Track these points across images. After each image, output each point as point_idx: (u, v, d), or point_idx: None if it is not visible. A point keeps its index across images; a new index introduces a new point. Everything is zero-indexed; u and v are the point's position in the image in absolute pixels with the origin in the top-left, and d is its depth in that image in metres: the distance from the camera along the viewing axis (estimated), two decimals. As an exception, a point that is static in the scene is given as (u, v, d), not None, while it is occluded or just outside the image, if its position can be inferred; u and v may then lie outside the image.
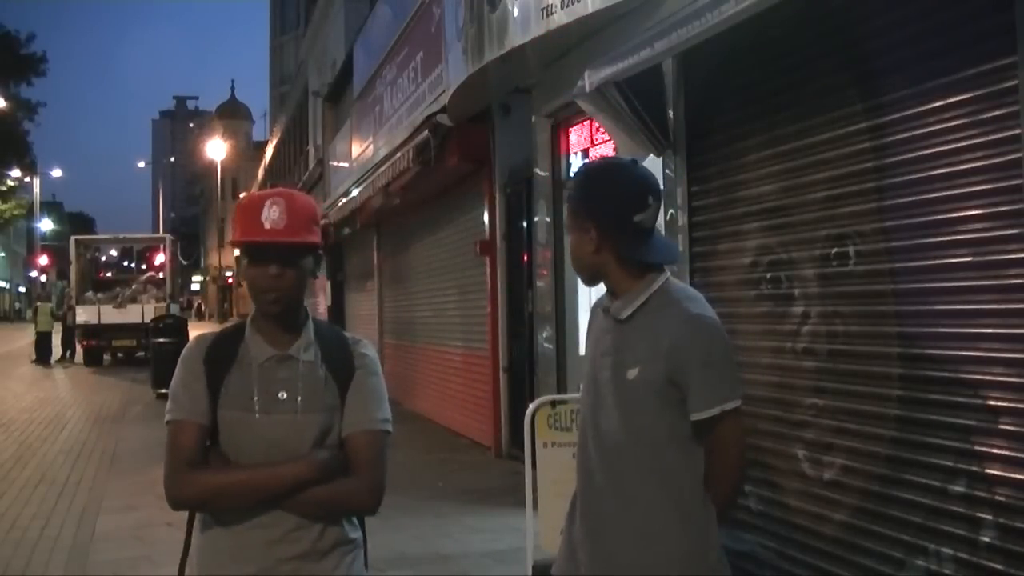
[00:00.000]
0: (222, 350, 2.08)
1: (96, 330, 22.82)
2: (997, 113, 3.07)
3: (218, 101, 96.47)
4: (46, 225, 71.80)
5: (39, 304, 26.00)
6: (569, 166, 7.10)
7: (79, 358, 23.91)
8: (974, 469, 3.16)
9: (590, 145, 6.73)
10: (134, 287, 25.34)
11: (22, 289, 76.49)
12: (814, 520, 3.95)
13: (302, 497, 1.99)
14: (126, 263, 37.84)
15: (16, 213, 51.22)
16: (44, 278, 62.99)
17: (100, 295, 24.34)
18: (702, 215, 4.90)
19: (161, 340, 15.14)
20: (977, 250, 3.16)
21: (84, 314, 23.04)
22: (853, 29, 3.75)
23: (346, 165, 17.24)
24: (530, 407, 4.93)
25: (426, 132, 9.36)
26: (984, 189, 3.13)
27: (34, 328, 24.90)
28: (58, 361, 24.17)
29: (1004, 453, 3.05)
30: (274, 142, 37.43)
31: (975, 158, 3.16)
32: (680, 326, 2.14)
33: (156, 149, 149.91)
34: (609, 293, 2.31)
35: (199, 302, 61.70)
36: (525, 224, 8.57)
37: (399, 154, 10.57)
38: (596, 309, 2.41)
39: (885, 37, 3.57)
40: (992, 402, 3.11)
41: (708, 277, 4.82)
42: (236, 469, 2.01)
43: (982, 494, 3.12)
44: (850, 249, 3.76)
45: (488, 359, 9.52)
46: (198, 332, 2.19)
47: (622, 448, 2.19)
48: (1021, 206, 2.99)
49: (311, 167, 24.13)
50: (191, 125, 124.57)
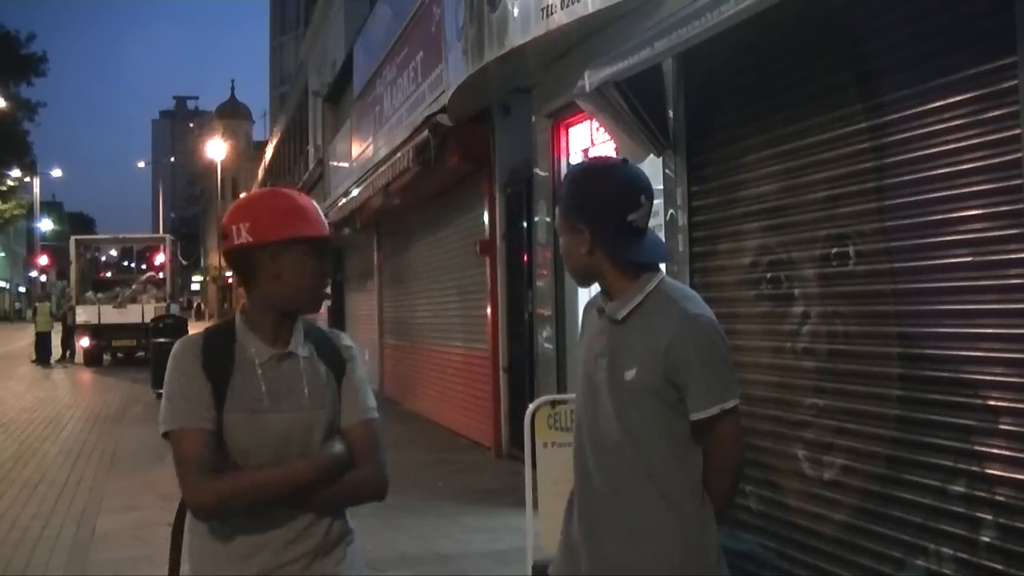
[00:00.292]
0: (218, 352, 2.04)
1: (96, 330, 22.84)
2: (997, 113, 3.07)
3: (218, 101, 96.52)
4: (46, 225, 71.80)
5: (38, 304, 26.01)
6: (569, 166, 7.11)
7: (79, 358, 23.91)
8: (974, 469, 3.16)
9: (590, 145, 6.73)
10: (134, 287, 25.37)
11: (22, 289, 76.49)
12: (814, 520, 3.95)
13: (322, 491, 2.02)
14: (126, 263, 37.89)
15: (16, 213, 51.23)
16: (44, 278, 62.97)
17: (100, 295, 24.36)
18: (702, 215, 4.90)
19: (161, 340, 15.15)
20: (977, 250, 3.16)
21: (84, 314, 23.06)
22: (853, 29, 3.75)
23: (346, 165, 17.24)
24: (530, 407, 4.93)
25: (426, 132, 9.36)
26: (984, 189, 3.13)
27: (34, 328, 24.91)
28: (58, 361, 24.18)
29: (1004, 453, 3.05)
30: (274, 142, 37.43)
31: (975, 158, 3.16)
32: (678, 326, 2.13)
33: (156, 149, 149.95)
34: (603, 294, 2.29)
35: (199, 302, 61.72)
36: (525, 224, 8.57)
37: (399, 154, 10.57)
38: (590, 310, 2.40)
39: (885, 37, 3.57)
40: (992, 402, 3.11)
41: (708, 277, 4.82)
42: (257, 470, 1.99)
43: (982, 494, 3.12)
44: (850, 249, 3.76)
45: (488, 359, 9.52)
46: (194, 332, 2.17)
47: (618, 449, 2.18)
48: (1021, 206, 2.99)
49: (311, 167, 24.13)
50: (191, 125, 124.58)
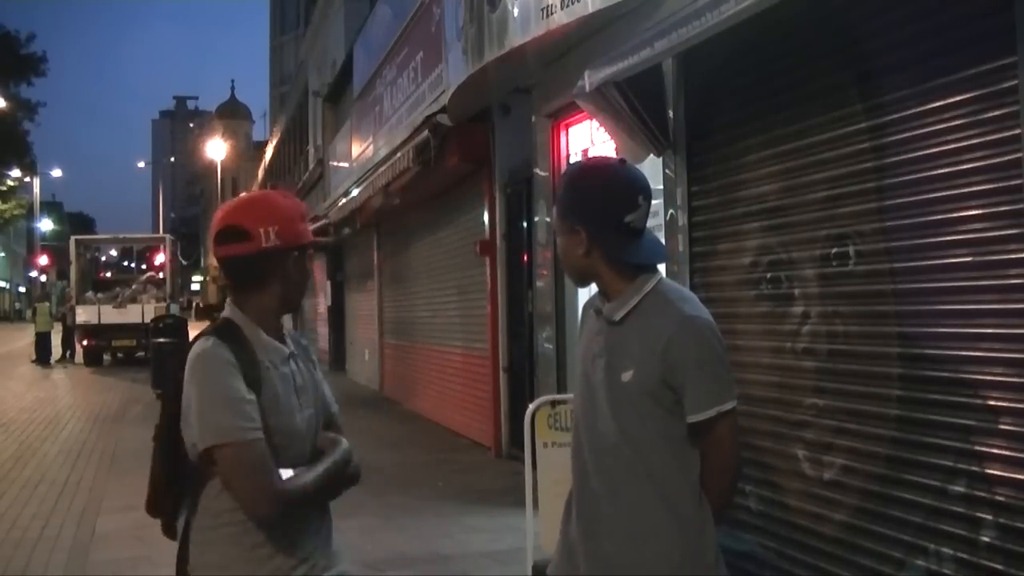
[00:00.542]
0: (247, 356, 2.02)
1: (96, 330, 22.84)
2: (997, 113, 3.07)
3: (218, 101, 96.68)
4: (46, 225, 71.82)
5: (37, 305, 26.00)
6: (567, 166, 7.10)
7: (79, 358, 23.91)
8: (974, 469, 3.16)
9: (590, 145, 6.73)
10: (134, 287, 25.35)
11: (22, 289, 76.49)
12: (814, 520, 3.95)
13: (347, 478, 2.12)
14: (126, 263, 37.91)
15: (16, 213, 51.22)
16: (44, 278, 62.98)
17: (100, 295, 24.35)
18: (702, 215, 4.90)
19: (161, 340, 15.16)
20: (977, 250, 3.16)
21: (84, 314, 23.05)
22: (853, 29, 3.75)
23: (346, 165, 17.24)
24: (530, 407, 4.93)
25: (426, 132, 9.37)
26: (984, 189, 3.13)
27: (34, 328, 24.91)
28: (58, 361, 24.18)
29: (1004, 453, 3.05)
30: (274, 142, 37.42)
31: (975, 158, 3.16)
32: (675, 327, 2.12)
33: (156, 149, 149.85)
34: (601, 294, 2.29)
35: (199, 302, 61.74)
36: (525, 224, 8.57)
37: (399, 154, 10.57)
38: (587, 310, 2.39)
39: (885, 37, 3.57)
40: (992, 402, 3.11)
41: (708, 277, 4.82)
42: (308, 470, 2.04)
43: (982, 494, 3.12)
44: (850, 249, 3.76)
45: (488, 359, 9.52)
46: (196, 332, 2.16)
47: (616, 450, 2.18)
48: (1021, 206, 2.99)
49: (311, 167, 24.13)
50: (191, 125, 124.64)
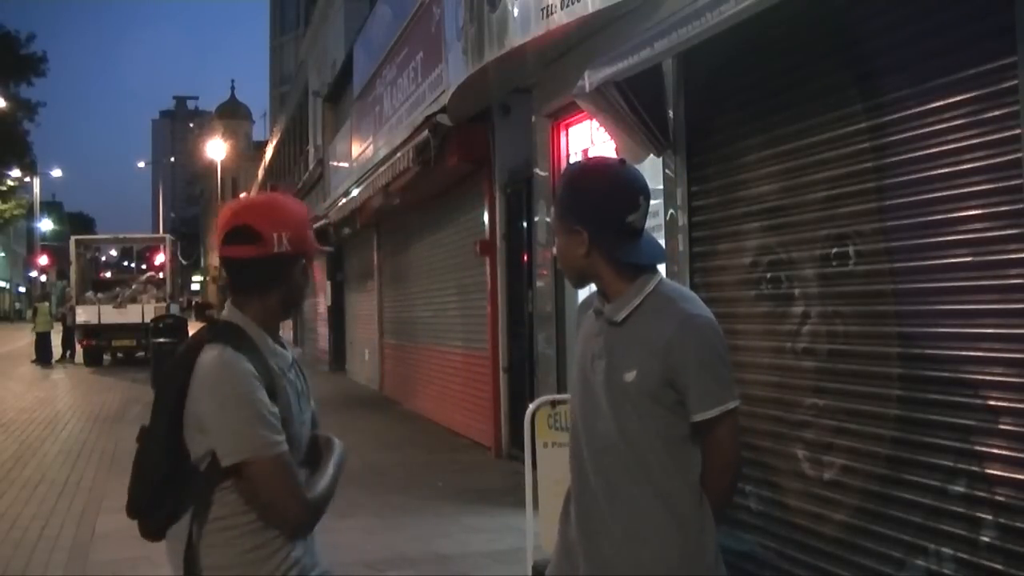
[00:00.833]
0: (263, 366, 1.98)
1: (96, 330, 22.83)
2: (997, 113, 3.07)
3: (218, 101, 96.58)
4: (46, 225, 71.82)
5: (38, 305, 26.01)
6: (566, 166, 7.10)
7: (79, 358, 23.91)
8: (974, 469, 3.16)
9: (590, 145, 6.73)
10: (134, 287, 25.35)
11: (22, 289, 76.49)
12: (814, 520, 3.95)
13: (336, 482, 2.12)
14: (126, 263, 37.89)
15: (16, 213, 51.23)
16: (44, 278, 62.97)
17: (100, 295, 24.36)
18: (702, 215, 4.90)
19: (161, 340, 15.17)
20: (977, 250, 3.16)
21: (84, 314, 23.05)
22: (853, 29, 3.75)
23: (346, 165, 17.24)
24: (530, 407, 4.93)
25: (426, 132, 9.37)
26: (984, 189, 3.13)
27: (33, 328, 24.91)
28: (58, 361, 24.18)
29: (1004, 453, 3.05)
30: (274, 142, 37.41)
31: (975, 158, 3.16)
32: (677, 327, 2.12)
33: (156, 149, 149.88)
34: (600, 295, 2.28)
35: (198, 301, 61.75)
36: (525, 224, 8.57)
37: (399, 154, 10.57)
38: (585, 310, 2.39)
39: (885, 37, 3.57)
40: (992, 402, 3.11)
41: (708, 277, 4.82)
42: (320, 477, 2.05)
43: (982, 494, 3.12)
44: (850, 249, 3.76)
45: (488, 359, 9.52)
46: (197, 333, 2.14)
47: (616, 450, 2.18)
48: (1021, 206, 2.99)
49: (311, 167, 24.12)
50: (191, 125, 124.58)
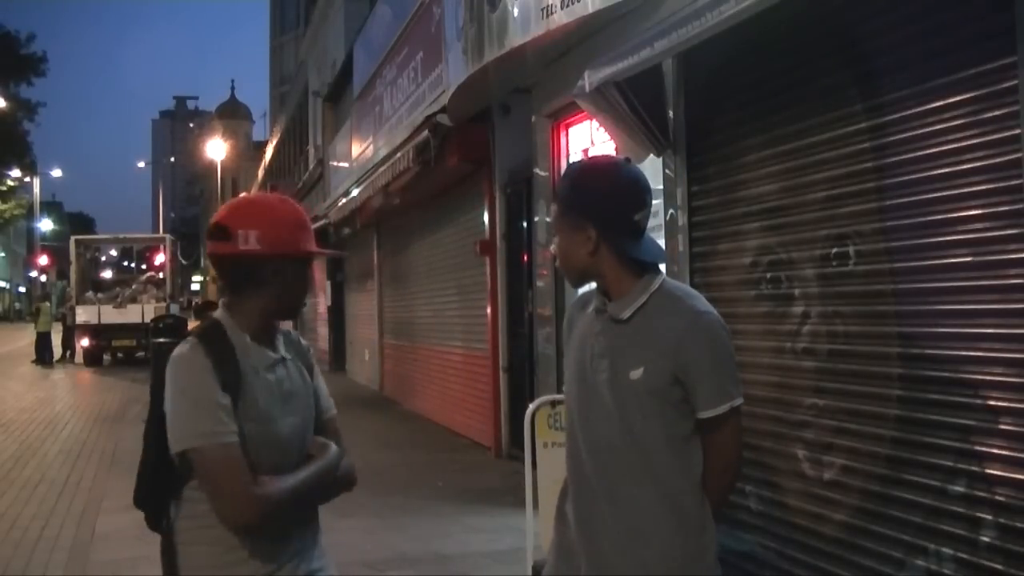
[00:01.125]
0: (227, 361, 2.00)
1: (96, 330, 22.84)
2: (997, 113, 3.07)
3: (218, 101, 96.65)
4: (46, 225, 71.78)
5: (40, 305, 26.03)
6: (567, 165, 7.09)
7: (79, 358, 23.91)
8: (974, 469, 3.16)
9: (590, 145, 6.73)
10: (134, 287, 25.37)
11: (22, 289, 76.49)
12: (814, 520, 3.95)
13: (336, 483, 2.10)
14: (126, 263, 37.83)
15: (16, 213, 51.23)
16: (44, 278, 62.96)
17: (100, 295, 24.36)
18: (702, 215, 4.90)
19: (161, 340, 15.16)
20: (977, 250, 3.16)
21: (84, 314, 23.06)
22: (853, 29, 3.75)
23: (346, 165, 17.24)
24: (530, 407, 4.93)
25: (426, 132, 9.37)
26: (984, 189, 3.13)
27: (33, 328, 24.92)
28: (58, 361, 24.18)
29: (1004, 453, 3.05)
30: (274, 142, 37.42)
31: (975, 158, 3.16)
32: (687, 324, 2.13)
33: (156, 149, 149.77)
34: (600, 294, 2.27)
35: (198, 301, 61.74)
36: (525, 224, 8.57)
37: (399, 154, 10.57)
38: (579, 309, 2.37)
39: (885, 37, 3.57)
40: (992, 402, 3.11)
41: (708, 277, 4.82)
42: (291, 475, 2.01)
43: (982, 494, 3.12)
44: (850, 249, 3.76)
45: (488, 359, 9.52)
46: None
47: (618, 450, 2.17)
48: (1021, 206, 2.99)
49: (311, 167, 24.13)
50: (191, 125, 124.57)
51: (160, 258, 27.87)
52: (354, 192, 13.92)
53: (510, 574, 5.40)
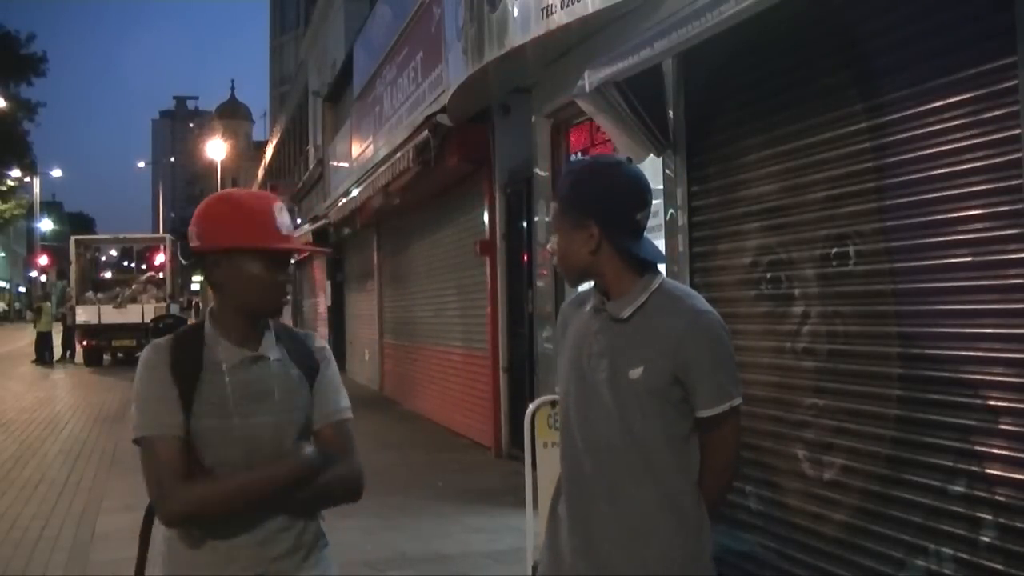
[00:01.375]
0: (187, 356, 2.02)
1: (96, 330, 22.84)
2: (997, 113, 3.06)
3: (218, 101, 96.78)
4: (46, 225, 71.79)
5: (43, 304, 26.03)
6: (567, 163, 7.09)
7: (79, 358, 23.91)
8: (974, 469, 3.16)
9: (590, 145, 6.73)
10: (134, 287, 25.36)
11: (22, 289, 76.50)
12: (814, 520, 3.95)
13: (299, 493, 1.99)
14: (126, 263, 37.79)
15: (16, 213, 51.25)
16: (44, 278, 62.96)
17: (100, 295, 24.36)
18: (702, 215, 4.90)
19: (161, 340, 15.14)
20: (977, 250, 3.16)
21: (84, 314, 23.05)
22: (853, 29, 3.75)
23: (346, 165, 17.25)
24: (530, 407, 4.93)
25: (426, 132, 9.37)
26: (984, 189, 3.13)
27: (33, 327, 24.91)
28: (58, 361, 24.18)
29: (1004, 453, 3.05)
30: (274, 142, 37.44)
31: (975, 158, 3.16)
32: (687, 323, 2.13)
33: (156, 149, 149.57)
34: (597, 293, 2.26)
35: (198, 301, 61.76)
36: (525, 224, 8.57)
37: (399, 154, 10.57)
38: (575, 309, 2.36)
39: (885, 37, 3.57)
40: (992, 402, 3.10)
41: (708, 277, 4.82)
42: (231, 476, 1.97)
43: (982, 494, 3.12)
44: (850, 249, 3.76)
45: (488, 359, 9.52)
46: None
47: (617, 450, 2.17)
48: (1021, 206, 2.99)
49: (311, 167, 24.13)
50: (191, 125, 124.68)
51: (160, 258, 27.87)
52: (354, 192, 13.92)
53: (510, 574, 5.40)
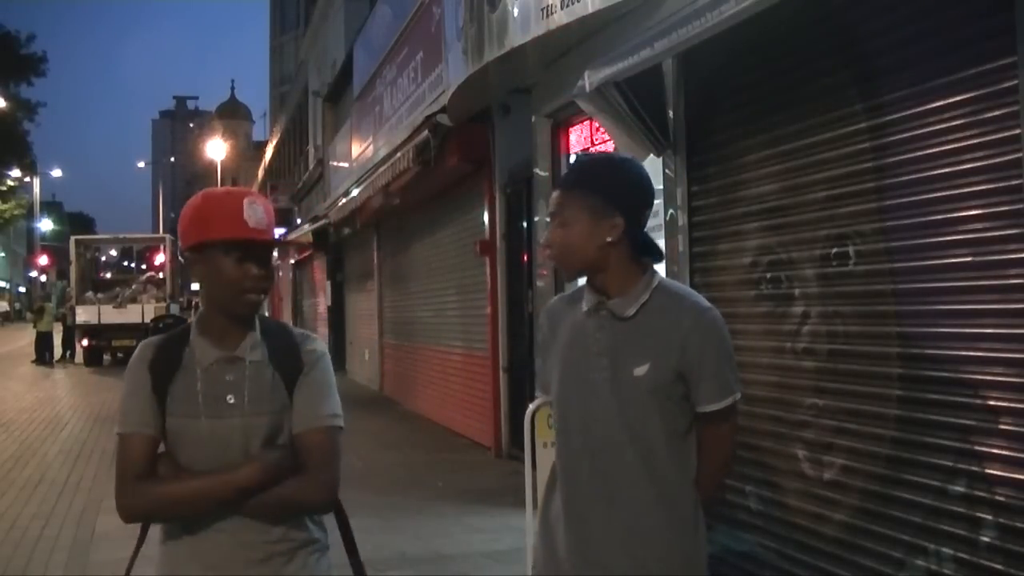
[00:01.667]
0: (167, 356, 2.06)
1: (96, 330, 22.84)
2: (997, 113, 3.07)
3: (218, 101, 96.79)
4: (46, 225, 71.83)
5: (45, 304, 26.03)
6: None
7: (79, 358, 23.91)
8: (974, 469, 3.16)
9: (590, 145, 6.74)
10: (134, 287, 25.37)
11: (22, 289, 76.50)
12: (814, 520, 3.95)
13: (255, 500, 1.97)
14: (126, 263, 37.86)
15: (16, 213, 51.23)
16: (44, 278, 62.97)
17: (100, 295, 24.36)
18: (702, 215, 4.90)
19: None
20: (977, 250, 3.16)
21: (84, 314, 23.05)
22: (853, 29, 3.75)
23: (346, 165, 17.25)
24: (530, 407, 4.92)
25: (426, 132, 9.37)
26: (984, 189, 3.13)
27: (33, 327, 24.91)
28: (58, 361, 24.18)
29: (1004, 453, 3.05)
30: (274, 142, 37.44)
31: (975, 158, 3.16)
32: (692, 320, 2.14)
33: (156, 149, 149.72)
34: (592, 291, 2.24)
35: (197, 301, 61.81)
36: (525, 224, 8.57)
37: (399, 154, 10.57)
38: (565, 307, 2.33)
39: (885, 37, 3.57)
40: (992, 402, 3.11)
41: (708, 277, 4.82)
42: (186, 478, 1.99)
43: (982, 494, 3.12)
44: (850, 249, 3.76)
45: (488, 359, 9.52)
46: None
47: (616, 449, 2.17)
48: (1021, 206, 2.99)
49: (311, 167, 24.13)
50: (191, 125, 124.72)
51: (160, 258, 27.89)
52: (354, 192, 13.93)
53: (510, 574, 5.40)
